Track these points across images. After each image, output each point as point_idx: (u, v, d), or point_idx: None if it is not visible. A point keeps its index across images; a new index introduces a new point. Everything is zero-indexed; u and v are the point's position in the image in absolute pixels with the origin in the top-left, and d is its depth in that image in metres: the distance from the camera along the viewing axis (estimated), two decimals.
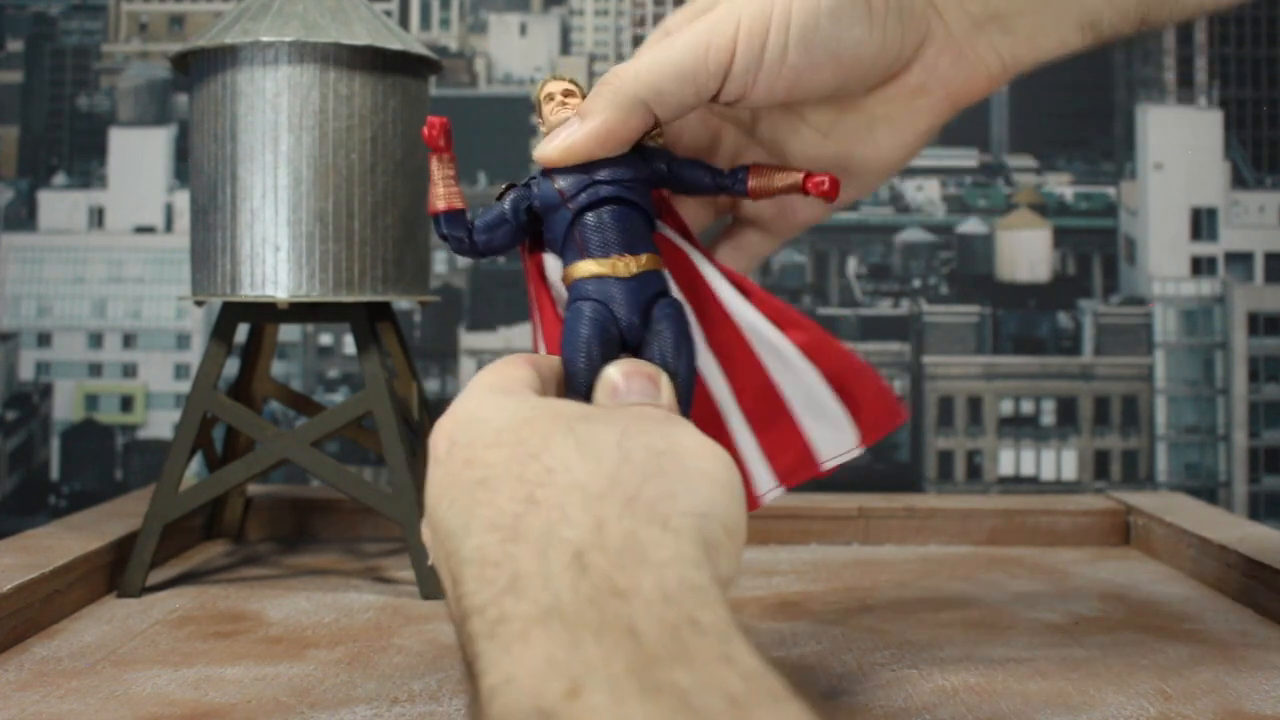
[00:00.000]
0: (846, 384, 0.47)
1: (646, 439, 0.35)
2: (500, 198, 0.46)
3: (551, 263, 0.46)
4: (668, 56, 0.44)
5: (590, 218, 0.44)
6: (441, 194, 0.45)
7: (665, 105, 0.45)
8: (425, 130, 0.44)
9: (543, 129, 0.46)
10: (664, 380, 0.40)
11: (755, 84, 0.45)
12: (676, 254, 0.47)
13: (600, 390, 0.40)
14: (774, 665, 0.27)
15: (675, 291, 0.46)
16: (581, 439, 0.34)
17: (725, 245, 0.52)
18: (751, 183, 0.47)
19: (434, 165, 0.45)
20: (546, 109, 0.46)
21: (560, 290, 0.46)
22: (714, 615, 0.28)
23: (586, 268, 0.44)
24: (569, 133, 0.44)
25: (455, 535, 0.33)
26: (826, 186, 0.46)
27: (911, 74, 0.47)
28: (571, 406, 0.37)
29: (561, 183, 0.44)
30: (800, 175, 0.47)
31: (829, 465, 0.48)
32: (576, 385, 0.43)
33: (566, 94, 0.45)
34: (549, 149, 0.44)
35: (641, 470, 0.33)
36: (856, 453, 0.48)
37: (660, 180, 0.47)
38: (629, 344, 0.44)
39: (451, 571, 0.32)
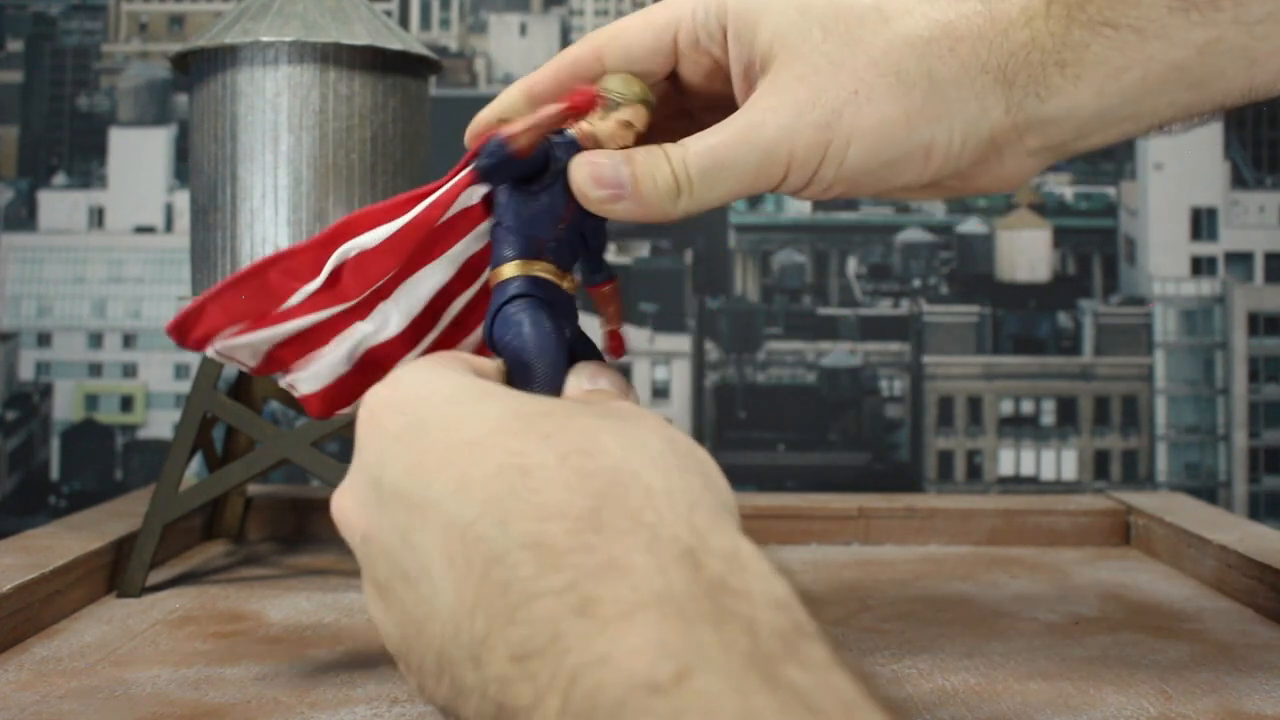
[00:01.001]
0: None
1: (684, 446, 0.35)
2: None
3: (475, 193, 0.45)
4: (722, 172, 0.43)
5: (561, 244, 0.45)
6: (520, 128, 0.42)
7: (701, 210, 0.44)
8: (584, 97, 0.43)
9: (589, 127, 0.44)
10: (631, 389, 0.42)
11: (801, 193, 0.45)
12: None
13: (575, 371, 0.42)
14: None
15: None
16: (632, 442, 0.34)
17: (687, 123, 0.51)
18: (603, 289, 0.48)
19: (549, 113, 0.42)
20: (617, 131, 0.44)
21: (465, 202, 0.45)
22: (815, 625, 0.29)
23: (543, 268, 0.44)
24: (613, 194, 0.43)
25: (479, 520, 0.32)
26: (612, 347, 0.48)
27: (947, 183, 0.46)
28: (576, 404, 0.37)
29: (571, 208, 0.44)
30: (611, 330, 0.48)
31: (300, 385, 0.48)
32: (544, 370, 0.42)
33: (639, 136, 0.44)
34: (591, 189, 0.43)
35: (701, 480, 0.34)
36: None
37: (587, 228, 0.47)
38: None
39: (475, 557, 0.31)
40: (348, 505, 0.38)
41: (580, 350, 0.45)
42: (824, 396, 1.09)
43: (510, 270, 0.44)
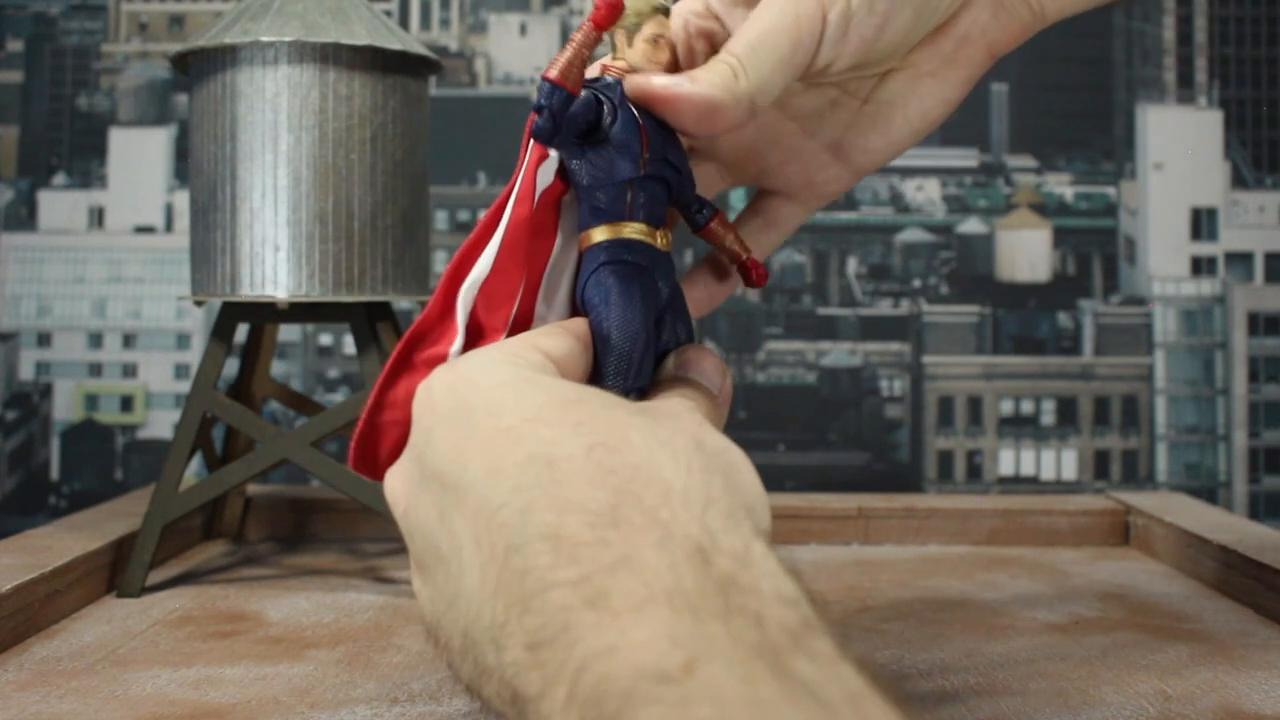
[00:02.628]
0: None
1: (713, 448, 0.36)
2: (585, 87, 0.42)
3: (548, 170, 0.43)
4: (765, 43, 0.43)
5: (650, 185, 0.43)
6: (561, 64, 0.41)
7: (764, 100, 0.44)
8: (598, 8, 0.41)
9: (621, 62, 0.43)
10: (728, 379, 0.42)
11: (845, 43, 0.45)
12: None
13: (675, 354, 0.42)
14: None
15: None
16: (660, 440, 0.34)
17: (754, 219, 0.52)
18: (714, 224, 0.47)
19: (579, 36, 0.41)
20: (641, 47, 0.43)
21: (545, 182, 0.43)
22: (822, 621, 0.29)
23: (635, 229, 0.42)
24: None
25: (504, 508, 0.32)
26: (759, 277, 0.48)
27: (959, 24, 0.49)
28: (615, 398, 0.37)
29: (646, 139, 0.42)
30: (745, 255, 0.47)
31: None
32: (627, 344, 0.41)
33: (671, 47, 0.43)
34: (652, 87, 0.42)
35: (723, 481, 0.34)
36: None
37: (671, 158, 0.44)
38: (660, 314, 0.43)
39: (498, 542, 0.32)
40: (396, 480, 0.39)
41: (674, 309, 0.44)
42: (824, 396, 1.09)
43: (600, 235, 0.42)
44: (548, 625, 0.29)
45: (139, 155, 1.09)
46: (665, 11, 0.43)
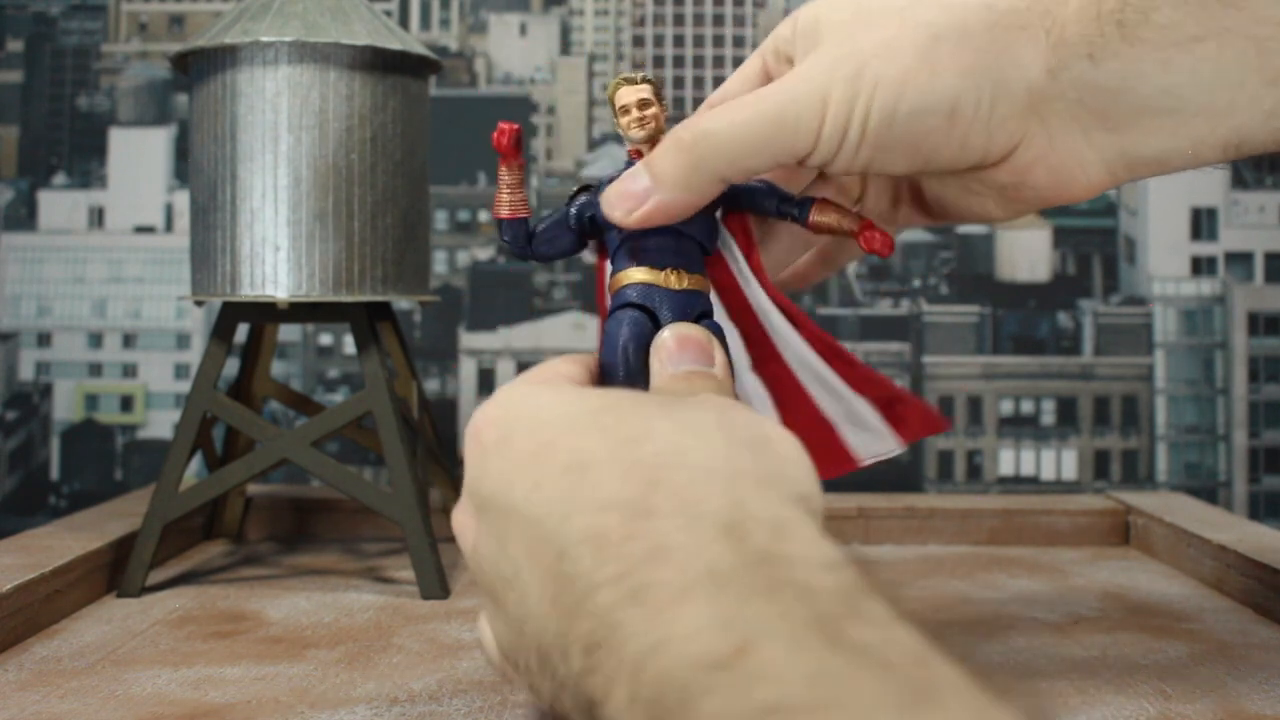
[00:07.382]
0: (892, 406, 0.48)
1: (741, 423, 0.35)
2: (571, 200, 0.46)
3: (609, 268, 0.47)
4: (749, 127, 0.42)
5: (652, 238, 0.44)
6: (505, 201, 0.46)
7: (742, 175, 0.43)
8: (495, 135, 0.44)
9: (619, 128, 0.46)
10: (717, 347, 0.42)
11: (833, 162, 0.43)
12: (728, 278, 0.47)
13: (654, 354, 0.41)
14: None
15: (718, 315, 0.46)
16: (683, 423, 0.34)
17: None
18: (814, 217, 0.46)
19: (501, 171, 0.46)
20: (623, 120, 0.45)
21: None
22: (869, 583, 0.28)
23: (635, 274, 0.44)
24: (640, 201, 0.43)
25: (548, 519, 0.33)
26: (878, 244, 0.45)
27: (1000, 173, 0.44)
28: (645, 395, 0.38)
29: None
30: (858, 224, 0.45)
31: (867, 461, 0.48)
32: (610, 372, 0.43)
33: (643, 104, 0.44)
34: (615, 211, 0.43)
35: (752, 453, 0.34)
36: (896, 450, 0.48)
37: (722, 199, 0.45)
38: None
39: (547, 554, 0.32)
40: (460, 520, 0.39)
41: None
42: None
43: (614, 283, 0.45)
44: (599, 628, 0.29)
45: (139, 155, 1.09)
46: (629, 80, 0.45)
